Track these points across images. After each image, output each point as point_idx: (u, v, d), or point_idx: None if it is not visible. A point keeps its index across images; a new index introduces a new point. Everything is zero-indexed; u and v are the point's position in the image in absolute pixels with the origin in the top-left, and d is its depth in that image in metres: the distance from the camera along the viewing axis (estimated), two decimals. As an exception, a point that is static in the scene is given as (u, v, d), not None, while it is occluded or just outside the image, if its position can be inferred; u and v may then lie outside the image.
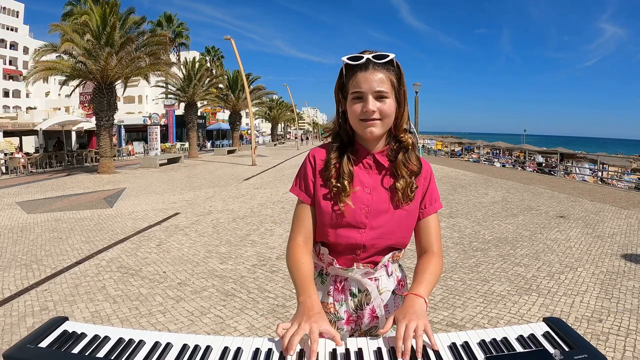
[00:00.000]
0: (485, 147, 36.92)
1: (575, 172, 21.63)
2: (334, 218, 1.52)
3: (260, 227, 8.18)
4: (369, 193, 1.53)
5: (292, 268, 1.51)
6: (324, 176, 1.55)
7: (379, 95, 1.43)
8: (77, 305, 4.61)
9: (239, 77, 34.94)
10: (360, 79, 1.43)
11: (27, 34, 63.08)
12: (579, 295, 4.72)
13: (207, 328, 4.06)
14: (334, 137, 1.60)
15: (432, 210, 1.59)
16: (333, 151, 1.56)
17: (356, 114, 1.46)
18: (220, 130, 49.86)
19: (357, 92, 1.45)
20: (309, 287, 1.43)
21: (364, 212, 1.51)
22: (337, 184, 1.51)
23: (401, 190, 1.51)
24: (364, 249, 1.53)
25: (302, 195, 1.59)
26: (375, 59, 1.44)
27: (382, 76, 1.44)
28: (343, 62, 1.48)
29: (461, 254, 6.34)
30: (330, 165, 1.54)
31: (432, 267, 1.50)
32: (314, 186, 1.57)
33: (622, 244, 6.80)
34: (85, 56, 17.23)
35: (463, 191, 12.85)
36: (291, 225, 1.62)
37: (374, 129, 1.46)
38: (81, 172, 19.90)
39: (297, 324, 1.25)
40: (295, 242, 1.56)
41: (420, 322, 1.22)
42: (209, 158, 29.21)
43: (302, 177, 1.61)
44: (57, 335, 1.20)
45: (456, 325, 4.06)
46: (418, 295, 1.36)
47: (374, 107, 1.43)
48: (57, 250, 6.72)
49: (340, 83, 1.53)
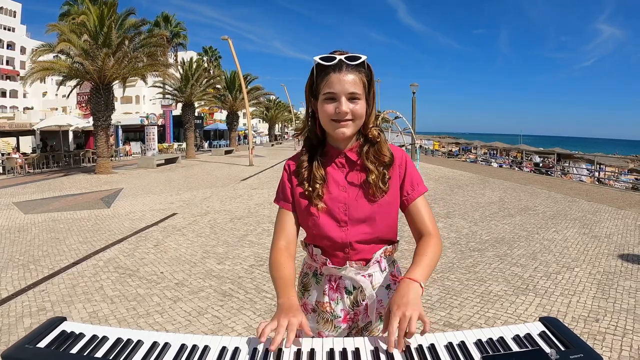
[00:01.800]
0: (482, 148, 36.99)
1: (572, 173, 21.68)
2: (314, 219, 1.55)
3: (257, 228, 8.18)
4: (345, 191, 1.55)
5: (273, 271, 1.52)
6: (298, 180, 1.59)
7: (352, 97, 1.45)
8: (74, 305, 4.60)
9: (237, 78, 34.87)
10: (334, 80, 1.44)
11: (24, 34, 62.93)
12: (576, 295, 4.74)
13: (205, 328, 4.07)
14: (305, 141, 1.63)
15: (416, 194, 1.58)
16: (303, 155, 1.60)
17: (328, 114, 1.47)
18: (217, 131, 49.82)
19: (330, 93, 1.45)
20: (288, 289, 1.43)
21: (342, 210, 1.54)
22: (309, 188, 1.54)
23: (373, 183, 1.52)
24: (351, 246, 1.55)
25: (281, 202, 1.64)
26: (348, 61, 1.45)
27: (355, 78, 1.45)
28: (315, 61, 1.48)
29: (458, 254, 6.36)
30: (301, 169, 1.58)
31: (430, 249, 1.50)
32: (292, 192, 1.61)
33: (619, 244, 6.82)
34: (83, 56, 17.21)
35: (460, 191, 12.87)
36: (273, 231, 1.65)
37: (345, 130, 1.48)
38: (78, 172, 19.87)
39: (276, 320, 1.25)
40: (277, 247, 1.58)
41: (415, 312, 1.23)
42: (206, 158, 29.18)
43: (280, 186, 1.65)
44: (56, 336, 1.20)
45: (453, 325, 4.06)
46: (413, 280, 1.36)
47: (347, 108, 1.44)
48: (55, 251, 6.72)
49: (311, 83, 1.54)
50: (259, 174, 18.60)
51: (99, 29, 17.64)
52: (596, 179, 20.15)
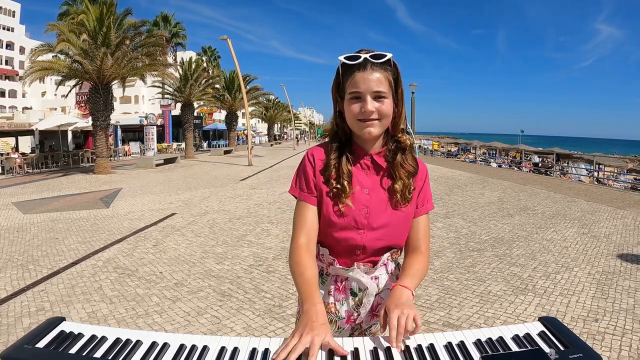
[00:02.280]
0: (481, 148, 36.97)
1: (571, 173, 21.69)
2: (334, 219, 1.51)
3: (256, 228, 8.17)
4: (368, 194, 1.52)
5: (296, 273, 1.45)
6: (324, 176, 1.54)
7: (377, 95, 1.43)
8: (73, 305, 4.60)
9: (236, 78, 34.87)
10: (359, 79, 1.42)
11: (23, 33, 62.90)
12: (575, 295, 4.74)
13: (204, 328, 4.06)
14: (332, 137, 1.59)
15: (423, 210, 1.60)
16: (332, 151, 1.55)
17: (354, 114, 1.45)
18: (216, 131, 49.77)
19: (355, 92, 1.44)
20: (313, 294, 1.37)
21: (363, 213, 1.51)
22: (337, 185, 1.50)
23: (400, 192, 1.51)
24: (363, 249, 1.54)
25: (303, 195, 1.56)
26: (373, 59, 1.43)
27: (380, 76, 1.43)
28: (340, 61, 1.47)
29: (457, 254, 6.36)
30: (330, 165, 1.53)
31: (420, 265, 1.52)
32: (316, 186, 1.55)
33: (618, 244, 6.82)
34: (82, 56, 17.18)
35: (459, 191, 12.87)
36: (293, 225, 1.58)
37: (372, 129, 1.45)
38: (77, 172, 19.83)
39: (298, 335, 1.19)
40: (298, 244, 1.51)
41: (411, 311, 1.25)
42: (205, 158, 29.15)
43: (303, 177, 1.58)
44: (55, 336, 1.20)
45: (452, 325, 4.06)
46: (405, 287, 1.38)
47: (373, 107, 1.42)
48: (54, 251, 6.71)
49: (337, 83, 1.52)
50: (258, 174, 18.59)
51: (98, 29, 17.61)
52: (595, 179, 20.16)
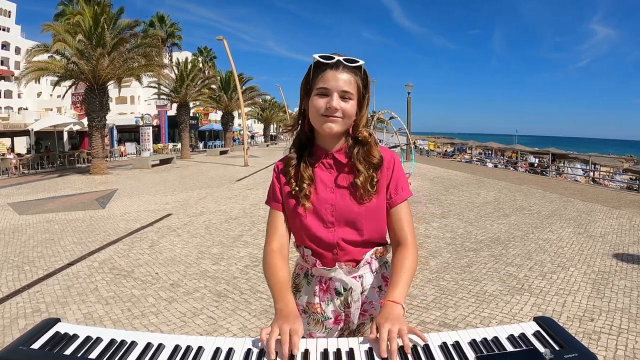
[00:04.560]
0: (477, 148, 37.01)
1: (567, 173, 21.74)
2: (302, 219, 1.55)
3: (252, 228, 8.17)
4: (332, 192, 1.55)
5: (269, 275, 1.53)
6: (286, 180, 1.59)
7: (344, 95, 1.46)
8: (69, 306, 4.58)
9: (232, 78, 34.78)
10: (329, 76, 1.46)
11: (19, 34, 62.63)
12: (571, 295, 4.75)
13: (200, 329, 4.06)
14: (293, 143, 1.64)
15: (399, 199, 1.58)
16: (291, 154, 1.61)
17: (318, 108, 1.47)
18: (212, 131, 49.69)
19: (323, 88, 1.46)
20: (285, 294, 1.44)
21: (329, 211, 1.54)
22: (296, 187, 1.55)
23: (361, 186, 1.52)
24: (339, 247, 1.55)
25: (272, 203, 1.64)
26: (346, 62, 1.47)
27: (350, 77, 1.47)
28: (314, 59, 1.49)
29: (453, 254, 6.36)
30: (289, 168, 1.58)
31: (408, 263, 1.50)
32: (281, 192, 1.62)
33: (614, 244, 6.85)
34: (78, 56, 17.14)
35: (455, 191, 12.89)
36: (266, 232, 1.65)
37: (333, 125, 1.47)
38: (73, 173, 19.79)
39: (276, 326, 1.26)
40: (270, 248, 1.59)
41: (403, 326, 1.23)
42: (201, 159, 29.12)
43: (271, 187, 1.66)
44: (50, 337, 1.20)
45: (448, 325, 4.07)
46: (395, 302, 1.37)
47: (338, 105, 1.45)
48: (49, 252, 6.69)
49: (307, 80, 1.54)
50: (254, 174, 18.57)
51: (94, 29, 17.56)
52: (591, 179, 20.22)
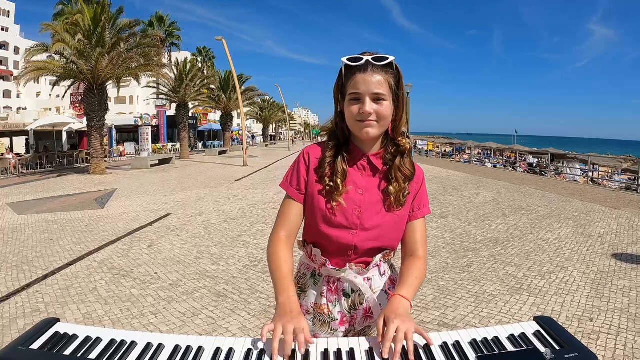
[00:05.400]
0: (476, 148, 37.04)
1: (566, 173, 21.76)
2: (326, 216, 1.52)
3: (251, 228, 8.16)
4: (362, 194, 1.53)
5: (273, 265, 1.50)
6: (318, 174, 1.54)
7: (377, 97, 1.43)
8: (68, 307, 4.58)
9: (231, 78, 34.79)
10: (359, 81, 1.43)
11: (18, 34, 62.52)
12: (570, 295, 4.75)
13: (199, 329, 4.05)
14: (330, 136, 1.59)
15: (419, 214, 1.59)
16: (329, 149, 1.56)
17: (353, 114, 1.46)
18: (211, 131, 49.69)
19: (354, 94, 1.44)
20: (288, 287, 1.42)
21: (356, 213, 1.51)
22: (330, 182, 1.51)
23: (394, 195, 1.51)
24: (355, 250, 1.54)
25: (291, 190, 1.59)
26: (374, 61, 1.44)
27: (380, 78, 1.43)
28: (343, 63, 1.48)
29: (452, 254, 6.36)
30: (324, 163, 1.53)
31: (417, 271, 1.51)
32: (307, 184, 1.57)
33: (613, 244, 6.85)
34: (77, 56, 17.12)
35: (454, 192, 12.90)
36: (276, 218, 1.61)
37: (370, 130, 1.45)
38: (72, 173, 19.76)
39: (279, 324, 1.24)
40: (278, 236, 1.55)
41: (410, 325, 1.22)
42: (200, 159, 29.11)
43: (295, 174, 1.60)
44: (49, 337, 1.20)
45: (448, 325, 4.07)
46: (404, 297, 1.37)
47: (371, 109, 1.43)
48: (49, 252, 6.68)
49: (340, 84, 1.52)
50: (253, 174, 18.57)
51: (93, 29, 17.54)
52: (590, 179, 20.24)
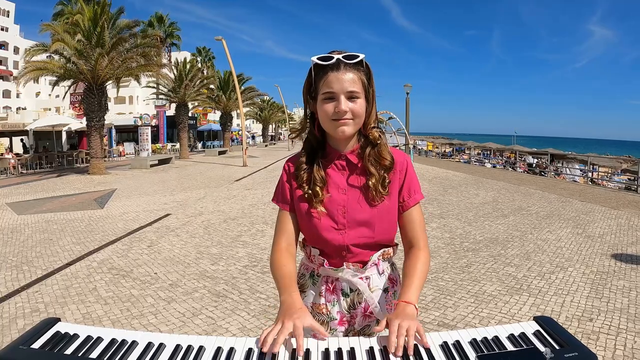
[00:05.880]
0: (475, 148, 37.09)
1: (566, 173, 21.78)
2: (312, 221, 1.54)
3: (251, 228, 8.16)
4: (344, 194, 1.54)
5: (275, 270, 1.54)
6: (298, 183, 1.58)
7: (351, 95, 1.44)
8: (68, 307, 4.58)
9: (230, 78, 34.76)
10: (332, 79, 1.43)
11: (17, 33, 62.47)
12: (570, 295, 4.76)
13: (199, 329, 4.05)
14: (304, 144, 1.62)
15: (412, 202, 1.58)
16: (302, 157, 1.59)
17: (328, 114, 1.46)
18: (211, 131, 49.69)
19: (328, 92, 1.45)
20: (289, 286, 1.45)
21: (341, 213, 1.53)
22: (309, 190, 1.54)
23: (373, 187, 1.51)
24: (347, 249, 1.55)
25: (280, 204, 1.65)
26: (346, 59, 1.44)
27: (353, 76, 1.44)
28: (312, 62, 1.48)
29: (452, 255, 6.37)
30: (301, 171, 1.57)
31: (420, 265, 1.51)
32: (291, 193, 1.61)
33: (612, 244, 6.86)
34: (76, 56, 17.12)
35: (454, 192, 12.90)
36: (274, 231, 1.67)
37: (345, 128, 1.47)
38: (72, 173, 19.75)
39: (280, 323, 1.26)
40: (279, 247, 1.60)
41: (413, 323, 1.23)
42: (200, 159, 29.11)
43: (280, 188, 1.66)
44: (50, 337, 1.20)
45: (447, 325, 4.07)
46: (408, 303, 1.38)
47: (346, 107, 1.44)
48: (48, 252, 6.68)
49: (309, 83, 1.53)
50: (252, 174, 18.57)
51: (93, 29, 17.54)
52: (589, 180, 20.25)
